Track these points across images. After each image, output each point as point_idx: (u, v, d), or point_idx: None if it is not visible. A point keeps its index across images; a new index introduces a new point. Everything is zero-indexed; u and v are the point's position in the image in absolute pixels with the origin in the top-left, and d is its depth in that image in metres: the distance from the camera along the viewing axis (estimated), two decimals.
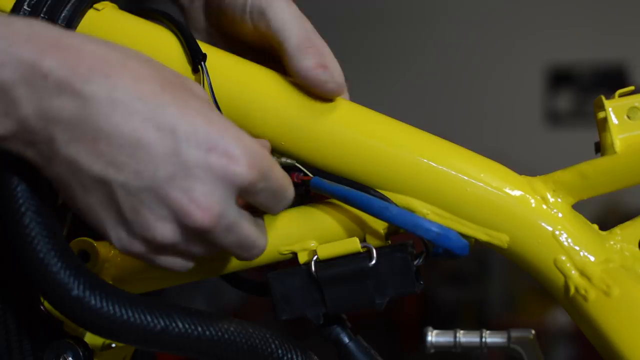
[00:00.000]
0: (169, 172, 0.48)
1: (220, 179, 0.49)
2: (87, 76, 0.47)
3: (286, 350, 0.60)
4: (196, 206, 0.49)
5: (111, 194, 0.49)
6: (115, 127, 0.47)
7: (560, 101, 4.98)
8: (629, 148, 0.58)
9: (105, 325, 0.54)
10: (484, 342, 0.67)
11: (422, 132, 0.61)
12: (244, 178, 0.50)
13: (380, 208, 0.57)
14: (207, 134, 0.48)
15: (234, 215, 0.51)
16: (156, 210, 0.49)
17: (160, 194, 0.48)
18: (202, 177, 0.48)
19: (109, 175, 0.48)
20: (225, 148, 0.49)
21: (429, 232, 0.56)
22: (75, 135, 0.47)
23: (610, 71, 4.83)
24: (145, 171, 0.48)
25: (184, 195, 0.48)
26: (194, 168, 0.48)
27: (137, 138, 0.47)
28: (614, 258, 0.58)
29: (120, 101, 0.47)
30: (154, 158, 0.48)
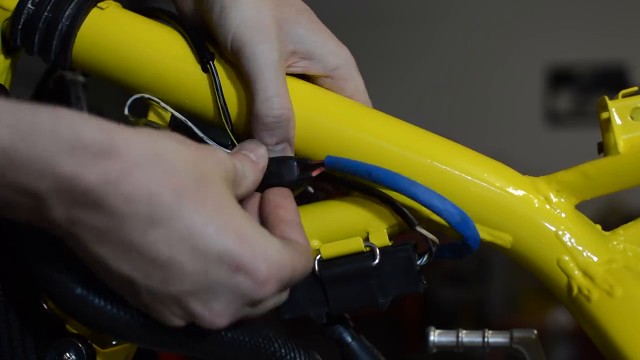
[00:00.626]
0: (194, 288, 0.49)
1: (241, 296, 0.50)
2: (130, 196, 0.46)
3: (289, 349, 0.60)
4: (211, 315, 0.50)
5: (134, 288, 0.50)
6: (149, 244, 0.47)
7: (560, 101, 4.98)
8: (632, 148, 0.58)
9: (108, 324, 0.54)
10: (486, 342, 0.67)
11: (426, 132, 0.61)
12: (263, 295, 0.51)
13: (407, 183, 0.56)
14: (236, 254, 0.49)
15: (245, 312, 0.52)
16: (174, 310, 0.50)
17: (182, 303, 0.50)
18: (223, 293, 0.50)
19: (135, 279, 0.49)
20: (252, 269, 0.49)
21: (453, 216, 0.56)
22: (106, 240, 0.47)
23: (610, 71, 4.83)
24: (172, 283, 0.49)
25: (203, 307, 0.50)
26: (218, 286, 0.49)
27: (170, 256, 0.48)
28: (617, 258, 0.58)
29: (159, 220, 0.47)
30: (183, 275, 0.48)
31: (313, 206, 0.62)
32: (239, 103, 0.60)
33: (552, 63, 4.96)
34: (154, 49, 0.60)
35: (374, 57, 5.04)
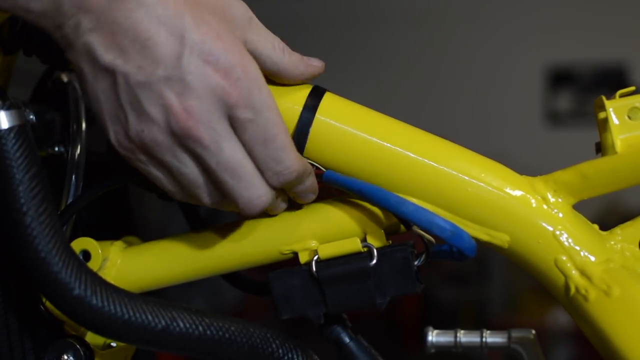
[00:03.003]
0: (167, 74, 0.51)
1: (212, 91, 0.52)
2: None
3: (287, 350, 0.60)
4: (184, 109, 0.52)
5: (114, 84, 0.52)
6: (132, 24, 0.51)
7: (560, 101, 4.98)
8: (629, 148, 0.58)
9: (106, 325, 0.54)
10: (484, 342, 0.67)
11: (423, 132, 0.61)
12: (231, 97, 0.52)
13: (396, 203, 0.57)
14: (212, 48, 0.52)
15: (219, 130, 0.53)
16: (149, 108, 0.52)
17: (155, 91, 0.52)
18: (195, 86, 0.52)
19: (116, 66, 0.51)
20: (225, 65, 0.52)
21: (443, 231, 0.56)
22: (99, 24, 0.51)
23: (610, 71, 4.82)
24: (147, 67, 0.51)
25: (175, 97, 0.52)
26: (190, 75, 0.51)
27: (148, 37, 0.51)
28: (614, 258, 0.58)
29: (144, 3, 0.51)
30: (158, 57, 0.51)
31: (311, 207, 0.62)
32: None
33: (552, 63, 4.96)
34: None
35: (374, 57, 5.04)
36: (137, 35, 0.51)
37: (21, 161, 0.54)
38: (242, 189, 0.54)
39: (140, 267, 0.64)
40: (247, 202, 0.55)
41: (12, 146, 0.54)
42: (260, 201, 0.55)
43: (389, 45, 5.07)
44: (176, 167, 0.54)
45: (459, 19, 5.03)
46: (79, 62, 0.53)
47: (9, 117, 0.54)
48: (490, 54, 4.97)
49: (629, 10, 4.75)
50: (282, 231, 0.61)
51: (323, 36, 4.80)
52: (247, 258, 0.62)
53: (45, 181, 0.55)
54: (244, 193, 0.54)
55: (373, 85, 4.89)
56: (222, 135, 0.53)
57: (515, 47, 4.92)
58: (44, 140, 0.68)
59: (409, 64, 5.05)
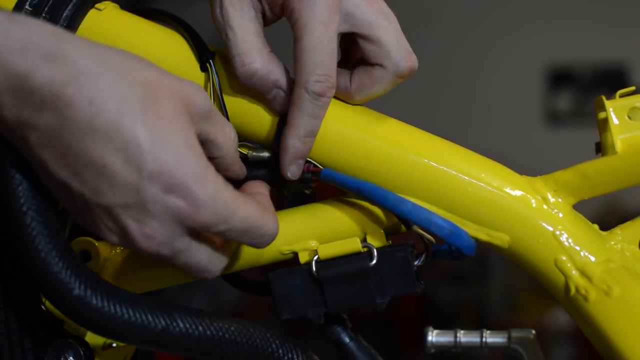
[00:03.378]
0: (125, 201, 0.50)
1: (173, 218, 0.50)
2: (72, 99, 0.47)
3: (287, 350, 0.60)
4: (143, 235, 0.51)
5: (72, 198, 0.51)
6: (86, 150, 0.48)
7: (560, 101, 4.98)
8: (629, 148, 0.58)
9: (106, 325, 0.54)
10: (484, 342, 0.67)
11: (423, 132, 0.61)
12: (196, 222, 0.51)
13: (395, 201, 0.57)
14: (172, 176, 0.49)
15: (179, 246, 0.52)
16: (108, 224, 0.51)
17: (113, 215, 0.50)
18: (154, 213, 0.50)
19: (71, 184, 0.50)
20: (185, 192, 0.50)
21: (442, 229, 0.56)
22: (48, 143, 0.48)
23: (610, 71, 4.83)
24: (104, 193, 0.49)
25: (133, 223, 0.50)
26: (149, 203, 0.50)
27: (104, 164, 0.49)
28: (614, 258, 0.58)
29: (97, 129, 0.48)
30: (115, 185, 0.49)
31: (311, 207, 0.62)
32: (237, 102, 0.60)
33: (552, 63, 4.96)
34: (152, 48, 0.61)
35: None
36: (91, 162, 0.48)
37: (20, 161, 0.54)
38: (204, 276, 0.56)
39: (140, 267, 0.64)
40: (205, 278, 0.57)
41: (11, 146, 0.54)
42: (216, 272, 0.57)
43: None
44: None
45: (459, 18, 5.03)
46: (35, 165, 0.51)
47: None
48: (490, 53, 4.97)
49: (629, 10, 4.75)
50: (282, 231, 0.61)
51: None
52: (248, 258, 0.62)
53: None
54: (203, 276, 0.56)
55: None
56: (183, 249, 0.53)
57: (515, 47, 4.92)
58: None
59: None
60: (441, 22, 5.04)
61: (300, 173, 0.60)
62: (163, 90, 0.51)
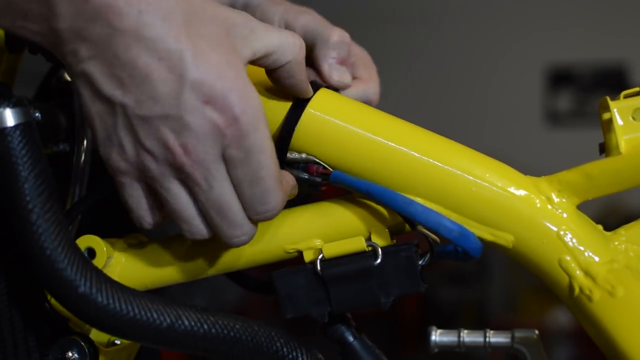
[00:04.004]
0: (165, 111, 0.51)
1: (209, 131, 0.52)
2: (122, 10, 0.50)
3: (291, 349, 0.60)
4: (180, 146, 0.52)
5: (112, 112, 0.52)
6: (131, 58, 0.50)
7: (560, 101, 4.98)
8: (634, 149, 0.58)
9: (111, 323, 0.54)
10: (487, 342, 0.67)
11: (428, 132, 0.61)
12: (226, 137, 0.52)
13: (404, 203, 0.57)
14: (211, 88, 0.51)
15: (212, 169, 0.53)
16: (145, 141, 0.52)
17: (153, 127, 0.52)
18: (193, 125, 0.51)
19: (114, 96, 0.51)
20: (223, 105, 0.52)
21: (451, 232, 0.56)
22: (97, 55, 0.51)
23: (610, 71, 4.83)
24: (145, 103, 0.51)
25: (172, 135, 0.52)
26: (188, 114, 0.51)
27: (147, 73, 0.50)
28: (618, 258, 0.58)
29: (144, 38, 0.50)
30: (156, 95, 0.51)
31: (316, 206, 0.62)
32: None
33: (552, 63, 4.96)
34: None
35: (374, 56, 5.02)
36: (135, 70, 0.50)
37: (27, 159, 0.54)
38: (226, 226, 0.56)
39: (145, 265, 0.64)
40: (229, 239, 0.56)
41: (17, 143, 0.54)
42: (240, 240, 0.57)
43: (388, 44, 5.07)
44: (164, 195, 0.54)
45: (459, 18, 5.03)
46: (77, 85, 0.53)
47: (14, 114, 0.54)
48: (490, 53, 4.98)
49: (629, 10, 4.75)
50: (287, 230, 0.61)
51: None
52: (252, 257, 0.62)
53: (51, 179, 0.55)
54: (227, 231, 0.56)
55: None
56: (215, 174, 0.53)
57: (515, 47, 4.92)
58: (49, 138, 0.69)
59: (408, 64, 5.05)
60: (441, 22, 5.03)
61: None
62: (206, 16, 0.53)
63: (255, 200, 0.55)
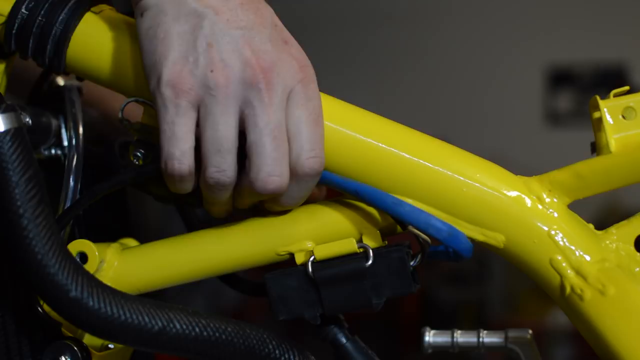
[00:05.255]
0: (253, 30, 0.55)
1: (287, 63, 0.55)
2: None
3: (283, 351, 0.60)
4: (260, 66, 0.54)
5: (197, 28, 0.54)
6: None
7: (560, 101, 4.98)
8: (624, 148, 0.58)
9: (103, 326, 0.54)
10: (481, 342, 0.67)
11: (418, 133, 0.61)
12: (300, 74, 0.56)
13: (393, 204, 0.57)
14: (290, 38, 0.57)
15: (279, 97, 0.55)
16: (227, 55, 0.54)
17: (239, 43, 0.54)
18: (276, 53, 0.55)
19: (206, 13, 0.54)
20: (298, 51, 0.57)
21: (440, 232, 0.56)
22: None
23: (610, 71, 4.83)
24: (235, 22, 0.54)
25: (254, 54, 0.54)
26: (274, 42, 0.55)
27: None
28: (609, 257, 0.58)
29: None
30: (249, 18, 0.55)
31: (307, 208, 0.62)
32: None
33: (552, 63, 4.96)
34: None
35: (373, 56, 5.04)
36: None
37: (17, 164, 0.54)
38: (273, 159, 0.55)
39: (138, 269, 0.64)
40: (265, 175, 0.55)
41: (8, 149, 0.54)
42: (275, 180, 0.55)
43: (387, 44, 5.07)
44: (218, 119, 0.54)
45: (459, 18, 5.03)
46: (162, 4, 0.55)
47: (5, 119, 0.54)
48: (490, 53, 4.98)
49: (629, 10, 4.75)
50: (278, 232, 0.61)
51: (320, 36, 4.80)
52: (244, 259, 0.62)
53: (42, 184, 0.55)
54: (270, 164, 0.55)
55: (371, 85, 4.89)
56: (279, 103, 0.55)
57: (515, 47, 4.92)
58: (41, 143, 0.69)
59: (408, 64, 5.05)
60: (441, 22, 5.04)
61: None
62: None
63: (308, 143, 0.56)
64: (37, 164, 0.56)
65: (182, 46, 0.54)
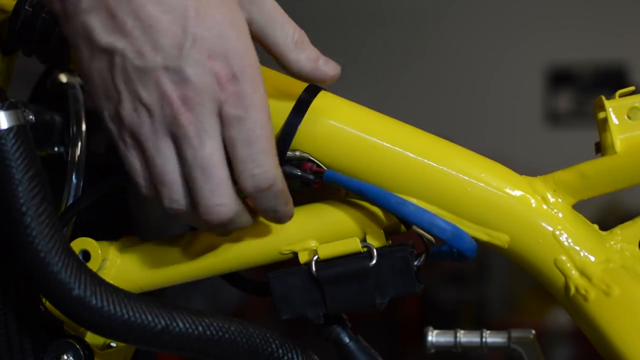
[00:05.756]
0: (167, 62, 0.51)
1: (208, 85, 0.51)
2: None
3: (286, 350, 0.60)
4: (179, 98, 0.51)
5: (111, 66, 0.51)
6: (137, 7, 0.50)
7: (560, 101, 4.98)
8: (629, 148, 0.58)
9: (106, 325, 0.54)
10: (484, 342, 0.67)
11: (423, 132, 0.61)
12: (224, 93, 0.52)
13: (397, 203, 0.57)
14: (214, 44, 0.51)
15: (206, 125, 0.52)
16: (144, 93, 0.51)
17: (153, 78, 0.51)
18: (193, 78, 0.51)
19: (115, 48, 0.51)
20: (223, 61, 0.51)
21: (444, 232, 0.56)
22: (99, 5, 0.50)
23: (610, 71, 4.83)
24: (148, 53, 0.51)
25: (172, 86, 0.51)
26: (189, 67, 0.51)
27: (152, 23, 0.50)
28: (614, 258, 0.58)
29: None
30: (159, 45, 0.50)
31: (311, 207, 0.62)
32: None
33: (552, 63, 4.96)
34: None
35: (374, 57, 5.04)
36: (140, 19, 0.50)
37: (20, 161, 0.54)
38: (208, 191, 0.53)
39: (140, 267, 0.64)
40: (208, 206, 0.53)
41: (11, 146, 0.54)
42: (220, 210, 0.54)
43: (388, 44, 5.07)
44: (153, 154, 0.53)
45: (459, 18, 5.03)
46: (75, 40, 0.52)
47: (8, 117, 0.54)
48: (490, 53, 4.97)
49: (629, 10, 4.75)
50: (282, 231, 0.61)
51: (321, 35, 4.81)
52: (247, 258, 0.62)
53: (45, 181, 0.55)
54: (207, 196, 0.53)
55: (372, 85, 4.89)
56: (208, 131, 0.52)
57: (515, 47, 4.92)
58: (44, 141, 0.68)
59: (408, 64, 5.05)
60: (441, 22, 5.03)
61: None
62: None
63: (250, 161, 0.53)
64: (40, 162, 0.56)
65: (101, 85, 0.52)
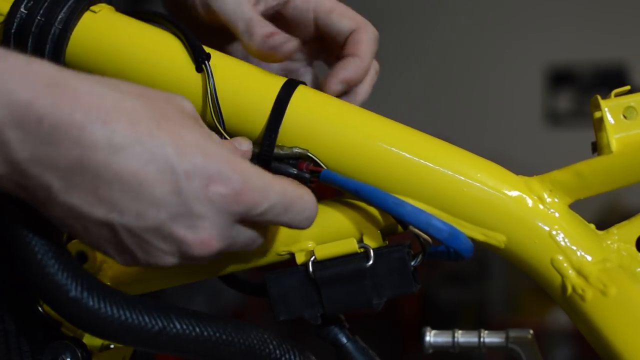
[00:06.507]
0: (172, 212, 0.49)
1: (220, 209, 0.50)
2: (84, 124, 0.45)
3: (284, 351, 0.60)
4: (200, 241, 0.50)
5: (115, 234, 0.49)
6: (116, 173, 0.47)
7: (560, 101, 4.98)
8: (625, 147, 0.58)
9: (103, 326, 0.54)
10: (482, 342, 0.67)
11: (419, 133, 0.61)
12: (240, 204, 0.50)
13: (394, 204, 0.57)
14: (205, 168, 0.49)
15: (232, 234, 0.52)
16: (160, 246, 0.50)
17: (164, 233, 0.49)
18: (202, 213, 0.49)
19: (111, 220, 0.48)
20: (222, 179, 0.49)
21: (441, 232, 0.56)
22: (74, 182, 0.47)
23: (610, 71, 4.83)
24: (148, 213, 0.48)
25: (188, 232, 0.49)
26: (195, 204, 0.49)
27: (139, 182, 0.47)
28: (611, 257, 0.58)
29: (120, 146, 0.46)
30: (156, 199, 0.48)
31: None
32: (232, 103, 0.60)
33: (552, 63, 4.96)
34: (147, 51, 0.61)
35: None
36: (125, 183, 0.47)
37: None
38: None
39: (138, 269, 0.64)
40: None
41: None
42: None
43: (388, 44, 5.06)
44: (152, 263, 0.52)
45: (459, 18, 5.03)
46: (62, 219, 0.49)
47: None
48: (489, 53, 4.98)
49: (629, 10, 4.75)
50: (279, 232, 0.61)
51: None
52: (244, 259, 0.62)
53: None
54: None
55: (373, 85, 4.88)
56: (236, 235, 0.52)
57: (515, 47, 4.92)
58: None
59: (408, 64, 5.05)
60: (441, 22, 5.04)
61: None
62: (160, 99, 0.51)
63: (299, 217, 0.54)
64: None
65: (112, 248, 0.51)
